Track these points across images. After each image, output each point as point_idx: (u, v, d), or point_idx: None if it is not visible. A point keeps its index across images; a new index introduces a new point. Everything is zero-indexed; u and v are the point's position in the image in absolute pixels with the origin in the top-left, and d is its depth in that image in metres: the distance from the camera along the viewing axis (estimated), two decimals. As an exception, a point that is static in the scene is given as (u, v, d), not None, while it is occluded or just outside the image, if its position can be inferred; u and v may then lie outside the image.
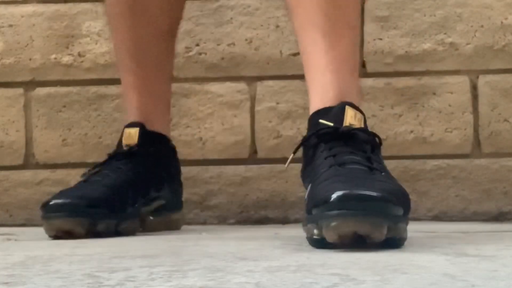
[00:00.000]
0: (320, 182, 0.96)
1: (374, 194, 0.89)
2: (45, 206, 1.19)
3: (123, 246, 0.99)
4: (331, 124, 1.04)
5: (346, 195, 0.89)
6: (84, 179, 1.28)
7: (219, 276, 0.67)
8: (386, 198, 0.89)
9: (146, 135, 1.31)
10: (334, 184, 0.92)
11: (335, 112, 1.05)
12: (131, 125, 1.32)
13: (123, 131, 1.32)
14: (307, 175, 1.06)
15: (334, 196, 0.89)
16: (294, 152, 1.08)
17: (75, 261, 0.80)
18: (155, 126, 1.33)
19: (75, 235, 1.16)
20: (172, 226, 1.36)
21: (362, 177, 0.95)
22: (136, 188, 1.28)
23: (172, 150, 1.38)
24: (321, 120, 1.05)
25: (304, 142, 1.07)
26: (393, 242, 0.90)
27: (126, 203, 1.25)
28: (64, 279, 0.66)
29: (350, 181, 0.92)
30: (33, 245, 1.02)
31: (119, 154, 1.31)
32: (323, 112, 1.06)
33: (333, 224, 0.88)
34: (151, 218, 1.31)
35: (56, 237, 1.17)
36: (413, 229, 1.30)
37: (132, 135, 1.30)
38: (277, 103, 1.57)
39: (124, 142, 1.31)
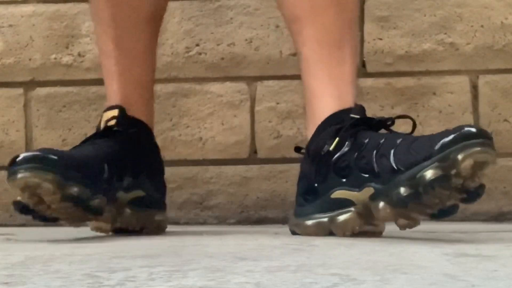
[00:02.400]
0: (412, 142, 1.06)
1: None
2: (12, 161, 1.08)
3: (123, 246, 0.99)
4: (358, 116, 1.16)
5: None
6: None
7: (219, 276, 0.67)
8: None
9: (126, 117, 1.25)
10: (435, 136, 1.03)
11: (359, 109, 1.17)
12: (110, 108, 1.27)
13: (102, 116, 1.26)
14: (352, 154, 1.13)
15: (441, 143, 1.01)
16: (335, 137, 1.15)
17: (75, 261, 0.80)
18: (136, 113, 1.28)
19: (43, 194, 1.07)
20: (152, 225, 1.27)
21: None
22: (111, 163, 1.19)
23: (154, 145, 1.32)
24: (352, 115, 1.15)
25: (341, 130, 1.15)
26: None
27: (101, 176, 1.16)
28: (64, 279, 0.66)
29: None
30: (33, 245, 1.02)
31: (96, 134, 1.24)
32: (346, 112, 1.17)
33: None
34: (128, 210, 1.22)
35: (25, 209, 1.09)
36: (413, 229, 1.30)
37: (110, 117, 1.24)
38: (277, 103, 1.57)
39: (103, 124, 1.24)
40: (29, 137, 1.59)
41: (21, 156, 1.08)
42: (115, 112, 1.24)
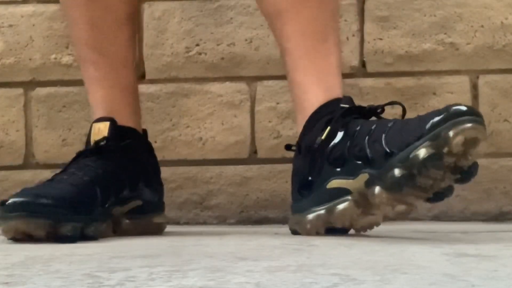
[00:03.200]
0: (404, 125, 1.07)
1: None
2: (2, 205, 1.07)
3: (123, 246, 0.99)
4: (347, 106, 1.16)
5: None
6: (50, 178, 1.17)
7: (219, 276, 0.67)
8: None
9: (117, 129, 1.22)
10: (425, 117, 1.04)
11: (349, 99, 1.17)
12: (100, 119, 1.22)
13: (91, 127, 1.23)
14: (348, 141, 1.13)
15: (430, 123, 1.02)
16: (329, 127, 1.15)
17: (75, 261, 0.80)
18: (124, 120, 1.24)
19: (35, 238, 1.06)
20: (152, 230, 1.25)
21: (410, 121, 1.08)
22: (106, 186, 1.16)
23: (147, 146, 1.29)
24: (342, 105, 1.16)
25: (332, 120, 1.15)
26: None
27: (94, 203, 1.14)
28: (64, 279, 0.66)
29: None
30: (33, 245, 1.02)
31: (88, 151, 1.20)
32: (335, 102, 1.17)
33: None
34: (126, 220, 1.22)
35: (15, 239, 1.07)
36: (413, 229, 1.31)
37: (102, 130, 1.21)
38: (277, 103, 1.57)
39: (93, 138, 1.21)
40: (29, 137, 1.59)
41: (11, 201, 1.07)
42: (106, 125, 1.21)
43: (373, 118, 1.16)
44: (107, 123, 1.21)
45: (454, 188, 1.05)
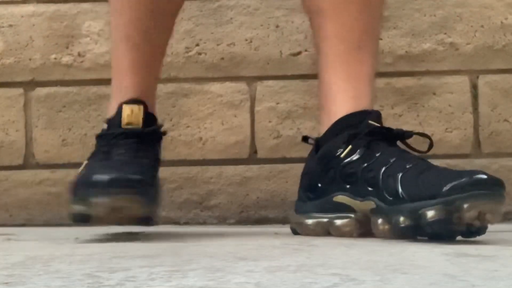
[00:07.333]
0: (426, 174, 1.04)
1: None
2: (87, 183, 0.99)
3: (123, 246, 0.99)
4: (378, 125, 1.15)
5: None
6: (104, 158, 1.11)
7: (219, 276, 0.67)
8: None
9: (149, 115, 1.20)
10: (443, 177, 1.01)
11: (377, 116, 1.17)
12: (131, 101, 1.19)
13: (121, 108, 1.19)
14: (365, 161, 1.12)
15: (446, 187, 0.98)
16: (348, 143, 1.15)
17: (75, 261, 0.80)
18: (150, 108, 1.22)
19: (127, 218, 1.01)
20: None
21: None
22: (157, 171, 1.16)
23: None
24: (370, 121, 1.15)
25: (356, 137, 1.14)
26: None
27: (157, 190, 1.12)
28: (64, 279, 0.66)
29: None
30: (33, 245, 1.02)
31: (129, 134, 1.16)
32: (363, 115, 1.16)
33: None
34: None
35: (82, 218, 1.01)
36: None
37: (135, 113, 1.18)
38: (277, 103, 1.57)
39: (126, 119, 1.17)
40: (29, 137, 1.59)
41: (98, 177, 1.01)
42: (140, 108, 1.18)
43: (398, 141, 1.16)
44: (141, 107, 1.19)
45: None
